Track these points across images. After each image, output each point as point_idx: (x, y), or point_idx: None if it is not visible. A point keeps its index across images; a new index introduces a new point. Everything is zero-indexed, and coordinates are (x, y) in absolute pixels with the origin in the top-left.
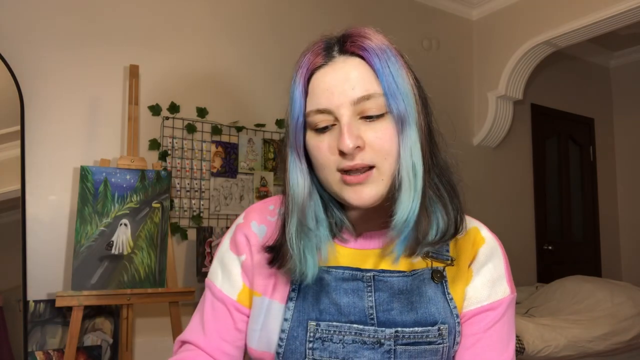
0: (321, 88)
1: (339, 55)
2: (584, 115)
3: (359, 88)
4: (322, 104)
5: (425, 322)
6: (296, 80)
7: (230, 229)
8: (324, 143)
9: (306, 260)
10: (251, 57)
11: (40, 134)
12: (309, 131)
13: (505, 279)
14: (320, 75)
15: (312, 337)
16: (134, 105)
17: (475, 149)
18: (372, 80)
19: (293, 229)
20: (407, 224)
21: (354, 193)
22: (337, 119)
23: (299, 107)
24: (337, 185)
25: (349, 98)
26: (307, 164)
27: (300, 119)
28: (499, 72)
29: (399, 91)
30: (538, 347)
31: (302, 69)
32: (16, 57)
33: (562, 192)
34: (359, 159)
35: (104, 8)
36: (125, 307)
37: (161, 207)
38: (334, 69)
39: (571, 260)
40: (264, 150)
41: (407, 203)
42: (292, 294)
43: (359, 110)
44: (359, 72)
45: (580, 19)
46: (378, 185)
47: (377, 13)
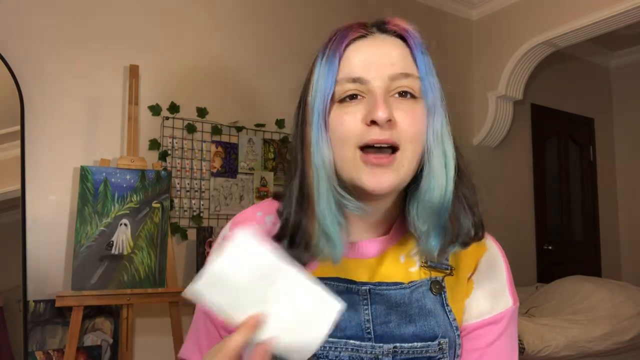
0: (358, 58)
1: (378, 32)
2: (584, 115)
3: (399, 65)
4: (356, 72)
5: (424, 336)
6: (329, 52)
7: (217, 241)
8: (349, 115)
9: (336, 239)
10: (251, 57)
11: (40, 134)
12: (332, 102)
13: (507, 289)
14: (358, 46)
15: None
16: (134, 105)
17: (475, 149)
18: (411, 62)
19: (324, 204)
20: (444, 208)
21: (373, 176)
22: (369, 91)
23: (332, 75)
24: (354, 164)
25: (388, 72)
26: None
27: (332, 86)
28: (499, 72)
29: (434, 80)
30: (538, 347)
31: (338, 40)
32: (16, 57)
33: (562, 192)
34: (387, 134)
35: (104, 8)
36: (125, 307)
37: (161, 207)
38: (374, 43)
39: (571, 260)
40: (264, 150)
41: (440, 188)
42: None
43: (395, 86)
44: (399, 51)
45: (580, 19)
46: (398, 172)
47: (378, 13)
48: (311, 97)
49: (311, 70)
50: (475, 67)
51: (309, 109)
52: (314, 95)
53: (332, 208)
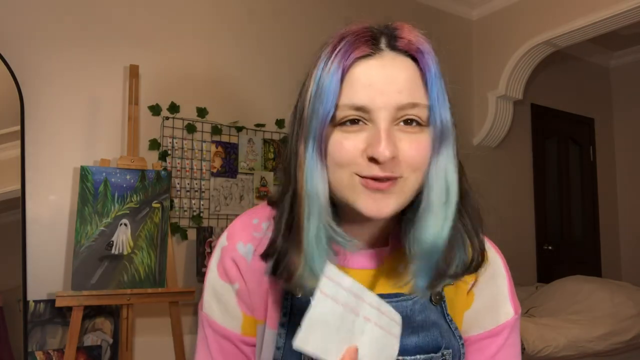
0: (362, 82)
1: (387, 50)
2: (584, 115)
3: (406, 93)
4: (361, 100)
5: (428, 347)
6: (331, 66)
7: (215, 253)
8: (349, 141)
9: (318, 272)
10: (251, 57)
11: (40, 134)
12: (331, 125)
13: (508, 299)
14: (364, 68)
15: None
16: (134, 105)
17: (475, 149)
18: (421, 87)
19: (312, 235)
20: (435, 251)
21: (373, 202)
22: (372, 120)
23: (332, 97)
24: (352, 189)
25: (394, 102)
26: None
27: (332, 111)
28: (499, 72)
29: (445, 108)
30: (538, 347)
31: (342, 54)
32: (16, 57)
33: (562, 192)
34: (389, 171)
35: (104, 8)
36: (125, 307)
37: (161, 207)
38: (382, 64)
39: (571, 260)
40: (264, 150)
41: (436, 228)
42: (283, 319)
43: (400, 115)
44: (408, 76)
45: (580, 19)
46: (399, 197)
47: (378, 13)
48: (307, 113)
49: (310, 74)
50: (475, 67)
51: (304, 126)
52: (310, 114)
53: (321, 243)
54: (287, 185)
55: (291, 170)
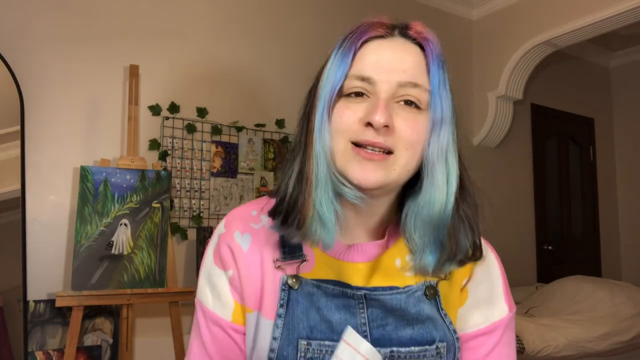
0: (372, 57)
1: (398, 36)
2: (584, 115)
3: (410, 73)
4: (366, 71)
5: (422, 340)
6: (346, 44)
7: (212, 239)
8: (349, 110)
9: (328, 224)
10: (251, 57)
11: (40, 134)
12: (338, 95)
13: (503, 297)
14: (375, 46)
15: (302, 357)
16: (134, 105)
17: (475, 149)
18: (424, 73)
19: (321, 189)
20: (442, 224)
21: (361, 170)
22: (375, 92)
23: (344, 68)
24: (344, 155)
25: (397, 77)
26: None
27: (342, 80)
28: (499, 72)
29: (445, 95)
30: (538, 347)
31: (358, 35)
32: (16, 57)
33: (562, 192)
34: (381, 138)
35: (104, 8)
36: (125, 307)
37: (161, 207)
38: (391, 45)
39: (571, 260)
40: (264, 150)
41: (440, 203)
42: (280, 309)
43: (401, 93)
44: (413, 59)
45: (580, 19)
46: (388, 172)
47: (377, 12)
48: (321, 86)
49: (328, 57)
50: (475, 67)
51: (317, 97)
52: (323, 85)
53: (329, 194)
54: (297, 152)
55: (301, 137)
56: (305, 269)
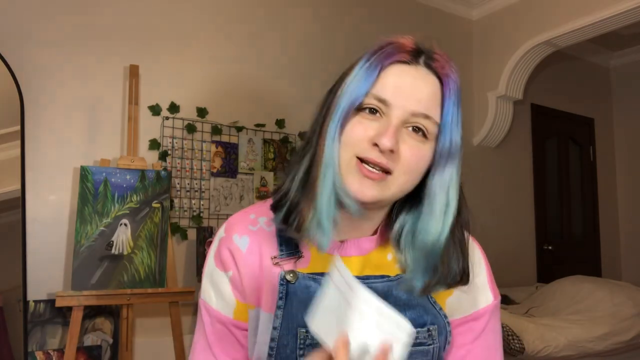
0: (394, 81)
1: (423, 65)
2: (584, 115)
3: (424, 105)
4: (386, 94)
5: (414, 323)
6: (374, 61)
7: (213, 243)
8: (361, 126)
9: (326, 229)
10: (251, 57)
11: (40, 134)
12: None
13: (487, 286)
14: (399, 71)
15: (302, 344)
16: (134, 105)
17: (475, 149)
18: (438, 106)
19: (325, 197)
20: (433, 254)
21: (360, 184)
22: (388, 114)
23: (367, 85)
24: (347, 167)
25: (412, 106)
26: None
27: (362, 96)
28: (499, 72)
29: (456, 131)
30: (538, 347)
31: (386, 55)
32: (16, 57)
33: (562, 192)
34: (384, 159)
35: (104, 8)
36: (125, 307)
37: (161, 207)
38: (415, 74)
39: (571, 260)
40: (264, 150)
41: (435, 233)
42: (279, 302)
43: (412, 121)
44: (431, 92)
45: (580, 19)
46: (384, 191)
47: (378, 12)
48: (339, 95)
49: (351, 67)
50: (475, 67)
51: (334, 104)
52: (342, 95)
53: (331, 203)
54: (307, 152)
55: (313, 140)
56: (302, 264)
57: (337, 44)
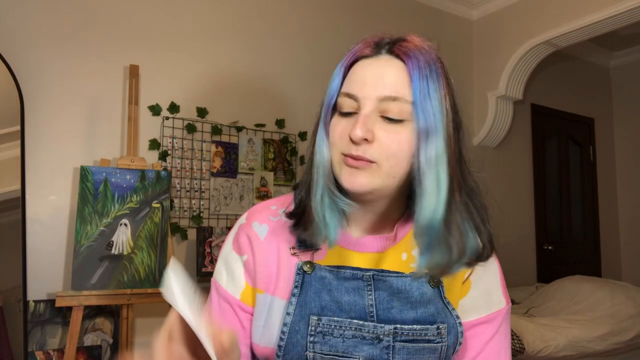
0: (358, 76)
1: (385, 53)
2: (584, 115)
3: (390, 88)
4: (352, 89)
5: (424, 320)
6: (343, 61)
7: (233, 229)
8: (340, 125)
9: (329, 225)
10: (251, 57)
11: (40, 134)
12: (335, 112)
13: (500, 290)
14: (362, 65)
15: (313, 331)
16: (134, 105)
17: (475, 149)
18: (405, 86)
19: (319, 196)
20: (431, 231)
21: (349, 175)
22: (359, 108)
23: (335, 86)
24: (338, 165)
25: (377, 93)
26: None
27: (334, 98)
28: (499, 72)
29: (430, 105)
30: (538, 347)
31: (349, 54)
32: (16, 57)
33: (562, 192)
34: (361, 151)
35: (104, 8)
36: (125, 307)
37: (161, 207)
38: (377, 63)
39: (571, 260)
40: (264, 150)
41: (429, 210)
42: (295, 290)
43: (382, 109)
44: (395, 74)
45: (580, 19)
46: (373, 178)
47: (378, 12)
48: (322, 101)
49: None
50: (475, 67)
51: (320, 111)
52: (323, 101)
53: (325, 201)
54: (308, 159)
55: (310, 147)
56: (318, 256)
57: (337, 44)
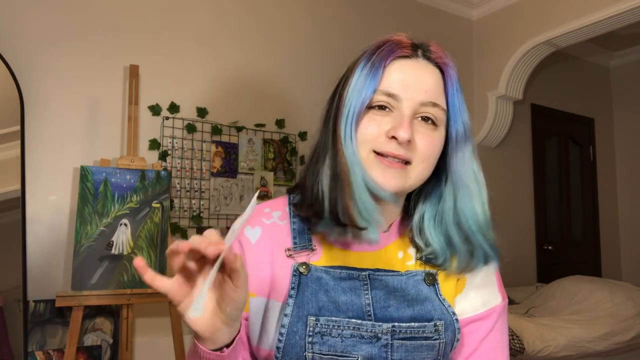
0: (398, 76)
1: (422, 57)
2: (584, 115)
3: (431, 94)
4: (394, 88)
5: (421, 318)
6: (375, 59)
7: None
8: (375, 122)
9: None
10: (251, 57)
11: (40, 134)
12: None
13: (496, 286)
14: (402, 65)
15: (311, 331)
16: (134, 105)
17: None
18: (442, 94)
19: (362, 192)
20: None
21: (383, 174)
22: (399, 108)
23: (374, 83)
24: (368, 162)
25: (420, 97)
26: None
27: (371, 95)
28: (499, 72)
29: (464, 114)
30: (538, 347)
31: (386, 53)
32: (16, 57)
33: (562, 192)
34: (402, 151)
35: (104, 8)
36: (125, 307)
37: (161, 207)
38: (416, 66)
39: (571, 260)
40: (264, 150)
41: (480, 211)
42: (292, 291)
43: (421, 110)
44: (435, 81)
45: (580, 19)
46: (406, 180)
47: (378, 12)
48: (347, 96)
49: (352, 68)
50: (475, 67)
51: (343, 105)
52: (350, 95)
53: (367, 195)
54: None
55: (327, 141)
56: (314, 257)
57: (337, 44)
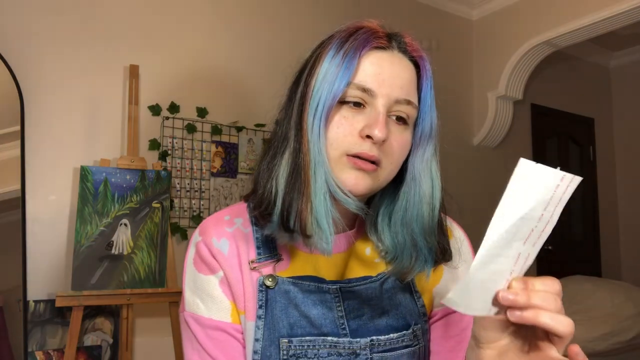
0: (375, 69)
1: (396, 48)
2: (584, 115)
3: (406, 90)
4: (369, 83)
5: (399, 326)
6: (348, 48)
7: (189, 251)
8: (347, 120)
9: (326, 230)
10: (251, 57)
11: (40, 134)
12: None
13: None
14: (378, 58)
15: (285, 354)
16: (134, 105)
17: (475, 149)
18: (415, 90)
19: (321, 195)
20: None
21: (354, 177)
22: (373, 104)
23: (347, 76)
24: (337, 164)
25: (395, 93)
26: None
27: (343, 88)
28: (499, 72)
29: (433, 113)
30: None
31: (360, 42)
32: (16, 57)
33: None
34: (376, 151)
35: (104, 8)
36: (125, 307)
37: (161, 207)
38: (392, 60)
39: (571, 260)
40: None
41: (427, 216)
42: (260, 311)
43: (395, 109)
44: (409, 76)
45: (580, 19)
46: (374, 182)
47: (378, 12)
48: (315, 86)
49: (319, 54)
50: (475, 67)
51: (310, 97)
52: (319, 87)
53: (327, 202)
54: (283, 150)
55: (289, 135)
56: (281, 267)
57: None
